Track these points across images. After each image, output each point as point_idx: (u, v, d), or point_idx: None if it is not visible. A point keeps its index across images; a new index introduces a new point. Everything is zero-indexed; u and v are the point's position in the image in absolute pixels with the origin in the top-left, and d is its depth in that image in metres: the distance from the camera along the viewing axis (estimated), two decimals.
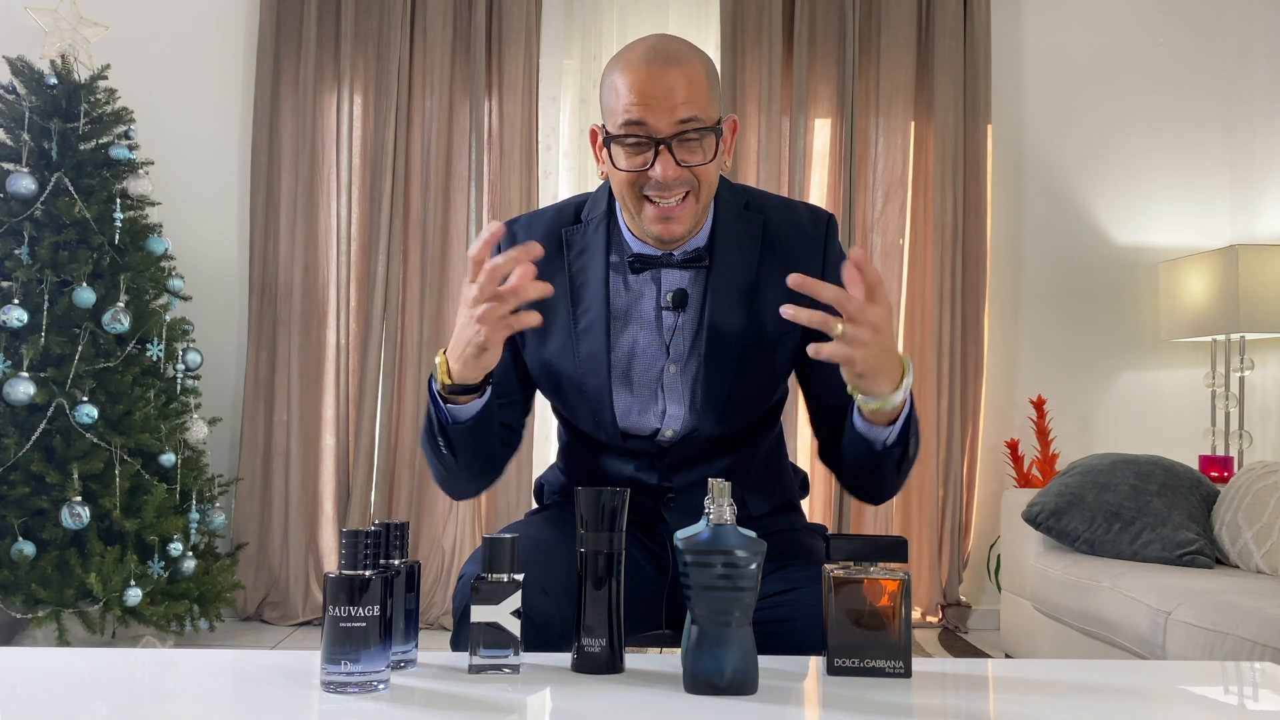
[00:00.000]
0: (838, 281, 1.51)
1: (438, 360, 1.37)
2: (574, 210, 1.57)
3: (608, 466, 1.57)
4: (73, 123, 3.28)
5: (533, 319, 1.27)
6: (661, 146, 1.38)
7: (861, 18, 4.01)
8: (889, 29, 4.00)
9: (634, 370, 1.51)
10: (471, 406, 1.39)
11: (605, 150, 1.43)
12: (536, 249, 1.26)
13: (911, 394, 1.37)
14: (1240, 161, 4.08)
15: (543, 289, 1.27)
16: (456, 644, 1.36)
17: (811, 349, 1.25)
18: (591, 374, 1.49)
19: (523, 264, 1.26)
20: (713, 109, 1.42)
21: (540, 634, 1.32)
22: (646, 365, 1.51)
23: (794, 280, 1.25)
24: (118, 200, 3.29)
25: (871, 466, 1.42)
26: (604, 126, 1.45)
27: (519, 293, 1.26)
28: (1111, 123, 4.12)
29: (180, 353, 3.42)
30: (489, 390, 1.39)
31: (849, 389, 1.33)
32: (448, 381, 1.36)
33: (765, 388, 1.53)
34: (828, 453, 1.56)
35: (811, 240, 1.53)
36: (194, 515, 3.32)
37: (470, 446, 1.43)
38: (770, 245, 1.52)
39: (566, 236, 1.54)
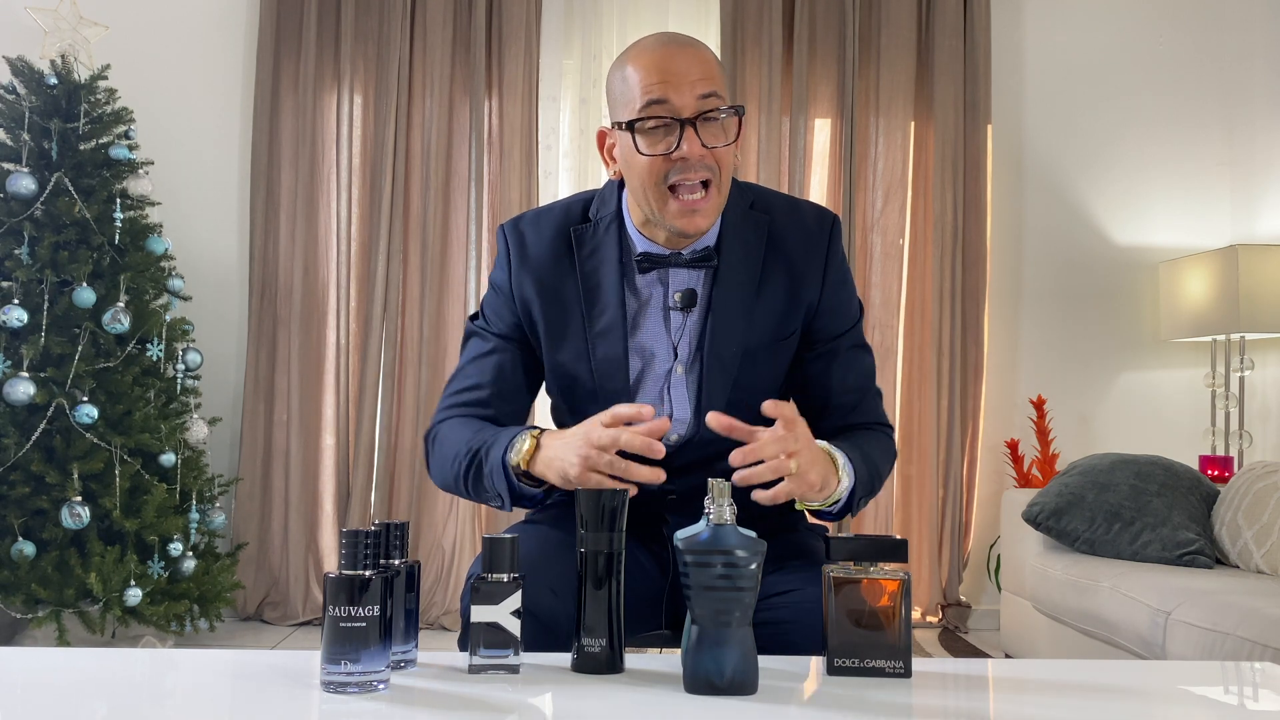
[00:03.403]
0: (837, 281, 1.54)
1: (524, 445, 1.39)
2: (581, 208, 1.55)
3: None
4: (73, 123, 3.28)
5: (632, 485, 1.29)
6: (687, 126, 1.39)
7: (861, 18, 4.01)
8: (889, 29, 4.00)
9: (644, 372, 1.51)
10: (531, 490, 1.43)
11: (630, 139, 1.42)
12: (663, 427, 1.31)
13: (852, 461, 1.42)
14: (1240, 161, 4.08)
15: (653, 476, 1.30)
16: (464, 646, 1.36)
17: (762, 496, 1.30)
18: (610, 378, 1.49)
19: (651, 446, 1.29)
20: (726, 93, 1.44)
21: (548, 633, 1.32)
22: (654, 367, 1.51)
23: (720, 425, 1.31)
24: (118, 200, 3.29)
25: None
26: (617, 122, 1.44)
27: (625, 471, 1.29)
28: (1111, 123, 4.12)
29: (180, 353, 3.42)
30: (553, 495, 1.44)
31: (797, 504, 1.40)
32: (524, 466, 1.39)
33: (768, 389, 1.53)
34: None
35: (815, 241, 1.53)
36: (194, 515, 3.32)
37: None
38: (774, 246, 1.52)
39: (576, 235, 1.52)
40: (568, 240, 1.52)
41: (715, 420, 1.30)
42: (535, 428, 1.43)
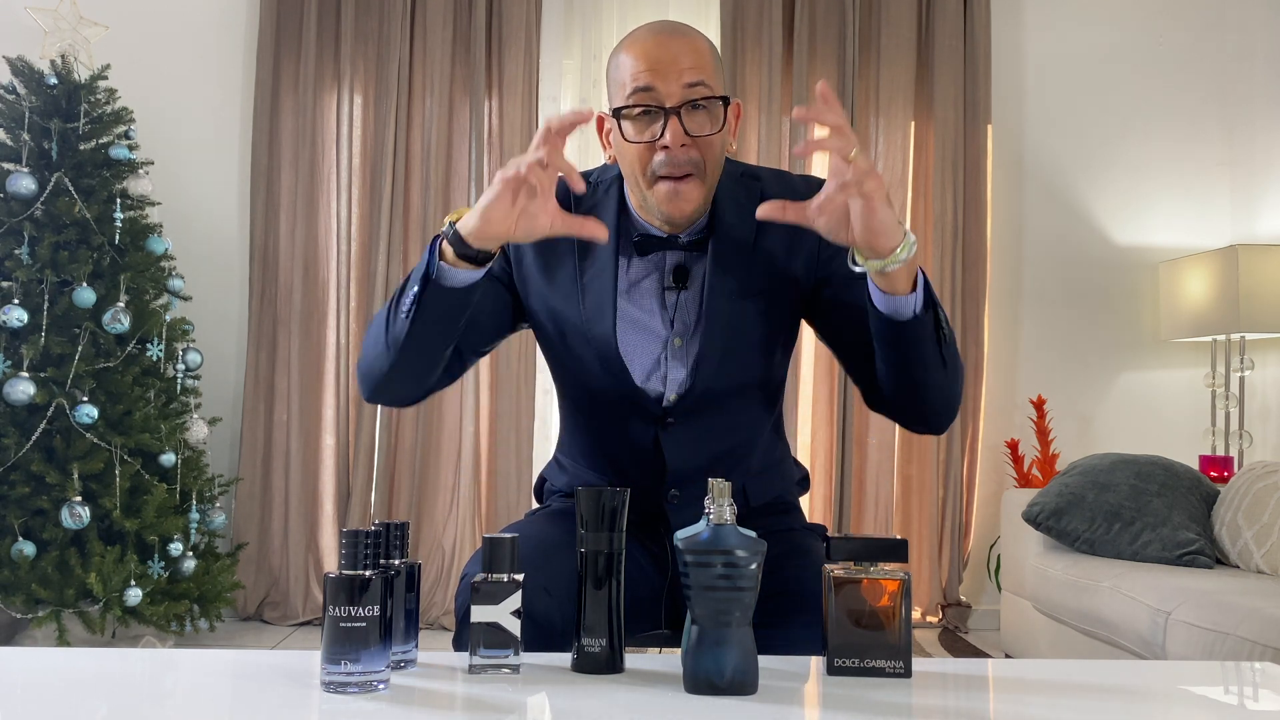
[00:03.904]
0: (833, 256, 1.51)
1: (450, 218, 1.33)
2: (585, 177, 1.59)
3: (609, 441, 1.57)
4: (73, 123, 3.28)
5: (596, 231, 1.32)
6: (671, 115, 1.40)
7: (861, 18, 4.01)
8: (889, 29, 4.00)
9: (639, 349, 1.52)
10: (461, 275, 1.33)
11: (616, 125, 1.44)
12: (587, 115, 1.30)
13: (924, 273, 1.34)
14: (1240, 161, 4.08)
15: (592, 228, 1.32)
16: (458, 644, 1.36)
17: (817, 201, 1.29)
18: (598, 320, 1.50)
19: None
20: (718, 82, 1.45)
21: (543, 634, 1.32)
22: (650, 342, 1.52)
23: (771, 211, 1.30)
24: (118, 200, 3.29)
25: (911, 356, 1.36)
26: (612, 109, 1.46)
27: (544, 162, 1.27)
28: (1111, 123, 4.12)
29: (180, 353, 3.42)
30: (485, 266, 1.34)
31: (857, 259, 1.30)
32: (454, 220, 1.32)
33: (766, 339, 1.54)
34: (871, 389, 1.51)
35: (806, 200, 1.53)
36: (194, 515, 3.32)
37: (430, 331, 1.37)
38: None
39: (574, 195, 1.54)
40: (568, 202, 1.54)
41: (766, 211, 1.30)
42: None
